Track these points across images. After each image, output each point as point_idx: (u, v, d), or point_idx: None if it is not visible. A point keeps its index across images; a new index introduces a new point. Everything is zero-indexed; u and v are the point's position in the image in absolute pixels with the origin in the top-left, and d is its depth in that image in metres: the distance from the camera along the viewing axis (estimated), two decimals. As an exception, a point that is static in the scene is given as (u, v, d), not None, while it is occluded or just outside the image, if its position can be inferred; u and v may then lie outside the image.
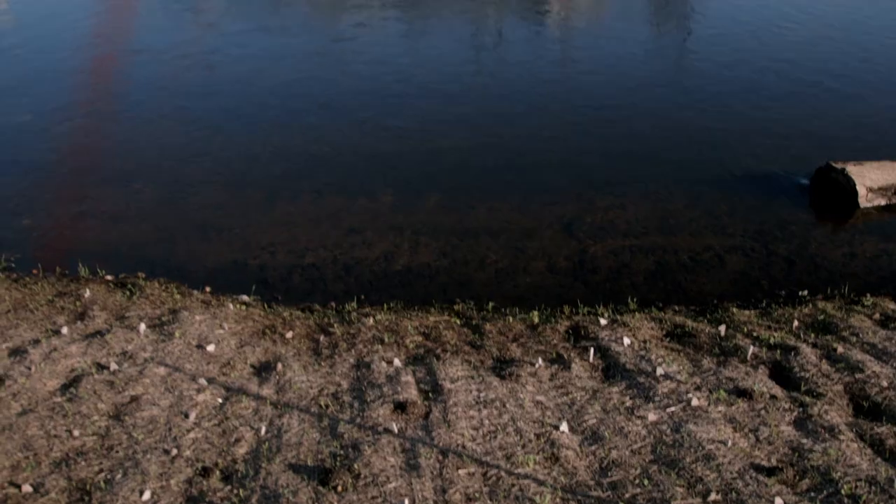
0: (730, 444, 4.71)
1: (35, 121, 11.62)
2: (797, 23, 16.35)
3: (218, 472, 4.52)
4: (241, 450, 4.74)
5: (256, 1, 18.24)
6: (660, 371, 5.57)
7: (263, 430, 4.91)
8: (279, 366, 5.72)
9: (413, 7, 17.67)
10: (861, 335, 6.19)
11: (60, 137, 11.09)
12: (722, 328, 6.28)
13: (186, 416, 5.08)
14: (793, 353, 5.88)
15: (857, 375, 5.56)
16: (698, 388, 5.40)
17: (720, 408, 5.16)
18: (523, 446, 4.71)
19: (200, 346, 5.96)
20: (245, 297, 7.10)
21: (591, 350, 5.91)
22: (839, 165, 9.17)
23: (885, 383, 5.44)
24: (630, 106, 11.98)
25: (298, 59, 14.23)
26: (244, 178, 9.62)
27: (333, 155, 10.24)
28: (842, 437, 4.83)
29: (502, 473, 4.44)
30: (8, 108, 12.14)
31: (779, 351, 5.94)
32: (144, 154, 10.37)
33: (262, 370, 5.76)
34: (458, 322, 6.56)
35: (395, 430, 4.86)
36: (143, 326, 6.19)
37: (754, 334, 6.24)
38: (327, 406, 5.21)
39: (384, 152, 10.31)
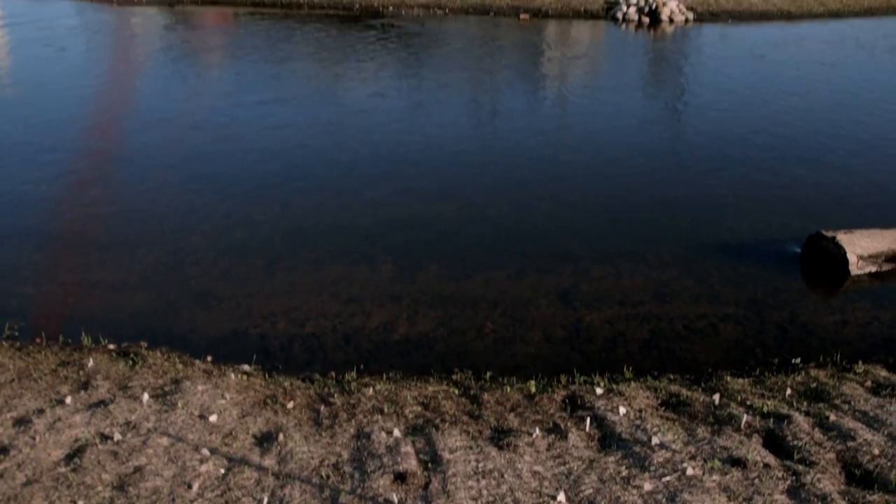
0: (724, 513, 4.79)
1: (38, 188, 11.78)
2: (788, 93, 16.68)
3: (221, 544, 4.58)
4: (244, 521, 4.80)
5: (263, 70, 18.55)
6: (655, 440, 5.66)
7: (266, 500, 4.98)
8: (281, 436, 5.80)
9: (414, 78, 18.00)
10: (853, 403, 6.28)
11: (63, 204, 11.24)
12: (716, 397, 6.38)
13: (190, 486, 5.15)
14: (786, 422, 5.97)
15: (849, 443, 5.65)
16: (693, 458, 5.48)
17: (715, 477, 5.24)
18: (521, 516, 4.78)
19: (203, 417, 6.04)
20: (246, 367, 7.19)
21: (588, 419, 6.00)
22: (829, 234, 9.34)
23: (876, 451, 5.53)
24: (624, 176, 12.19)
25: (301, 129, 14.46)
26: (245, 246, 9.76)
27: (334, 224, 10.39)
28: (834, 506, 4.91)
29: (501, 544, 4.50)
30: (10, 175, 12.30)
31: (772, 419, 6.03)
32: (147, 221, 10.52)
33: (264, 440, 5.83)
34: (457, 392, 6.65)
35: (396, 501, 4.93)
36: (146, 396, 6.27)
37: (748, 403, 6.33)
38: (328, 477, 5.28)
39: (384, 222, 10.47)
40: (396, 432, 5.83)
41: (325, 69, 18.60)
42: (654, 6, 22.77)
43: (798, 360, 7.34)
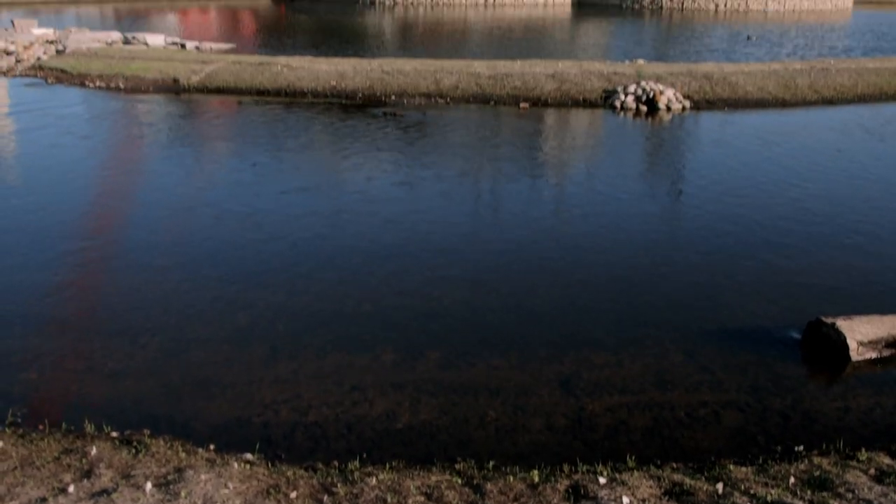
0: None
1: (43, 274, 11.89)
2: (788, 178, 16.90)
3: None
4: None
5: (268, 157, 18.82)
6: (659, 530, 5.65)
7: (268, 593, 4.96)
8: (283, 526, 5.80)
9: (415, 167, 18.26)
10: (856, 491, 6.28)
11: (66, 291, 11.34)
12: (720, 486, 6.37)
13: (191, 578, 5.13)
14: (790, 512, 5.97)
15: (854, 534, 5.64)
16: (697, 548, 5.47)
17: (719, 568, 5.22)
18: None
19: (205, 506, 6.04)
20: (249, 456, 7.19)
21: (591, 509, 5.99)
22: (829, 320, 9.41)
23: (881, 542, 5.51)
24: (623, 262, 12.30)
25: (302, 215, 14.62)
26: (248, 334, 9.82)
27: (335, 311, 10.47)
28: None
29: None
30: (15, 260, 12.42)
31: (776, 509, 6.02)
32: (150, 308, 10.60)
33: (267, 531, 5.83)
34: (460, 482, 6.65)
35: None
36: (149, 486, 6.27)
37: (751, 492, 6.32)
38: (331, 568, 5.27)
39: (385, 309, 10.54)
40: (399, 522, 5.83)
41: (329, 157, 18.88)
42: (651, 95, 23.19)
43: (801, 447, 7.34)
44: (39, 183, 16.97)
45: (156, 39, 36.10)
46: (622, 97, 23.44)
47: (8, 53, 33.17)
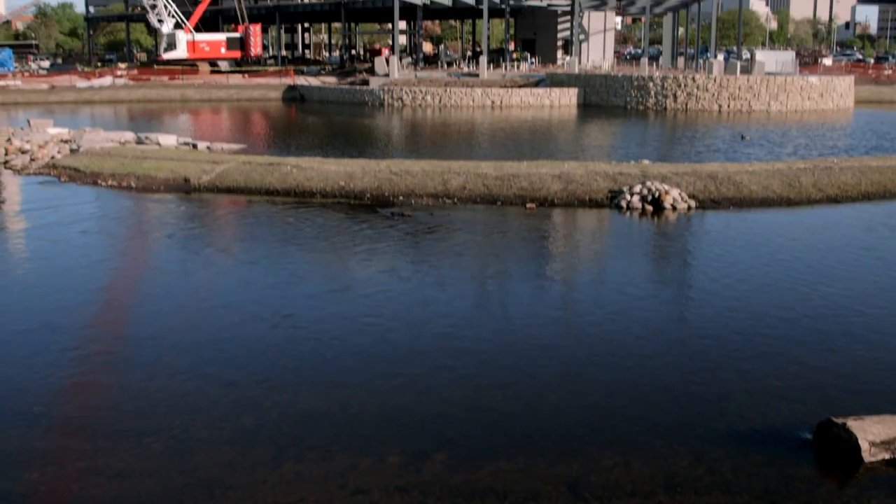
0: None
1: (44, 372, 11.87)
2: (795, 275, 16.91)
3: None
4: None
5: (278, 256, 18.95)
6: None
7: None
8: None
9: (423, 267, 18.35)
10: None
11: (70, 389, 11.31)
12: None
13: None
14: None
15: None
16: None
17: None
18: None
19: None
20: (251, 560, 7.07)
21: None
22: (840, 420, 9.31)
23: None
24: (632, 364, 12.24)
25: (309, 315, 14.66)
26: (253, 434, 9.75)
27: (341, 412, 10.41)
28: None
29: None
30: (21, 358, 12.42)
31: None
32: (156, 407, 10.55)
33: None
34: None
35: None
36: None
37: None
38: None
39: (391, 409, 10.48)
40: None
41: (337, 257, 19.00)
42: (656, 195, 23.40)
43: (814, 553, 7.19)
44: (49, 280, 17.06)
45: (168, 139, 36.69)
46: (628, 197, 23.64)
47: (23, 152, 33.74)
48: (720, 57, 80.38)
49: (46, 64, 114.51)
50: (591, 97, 62.26)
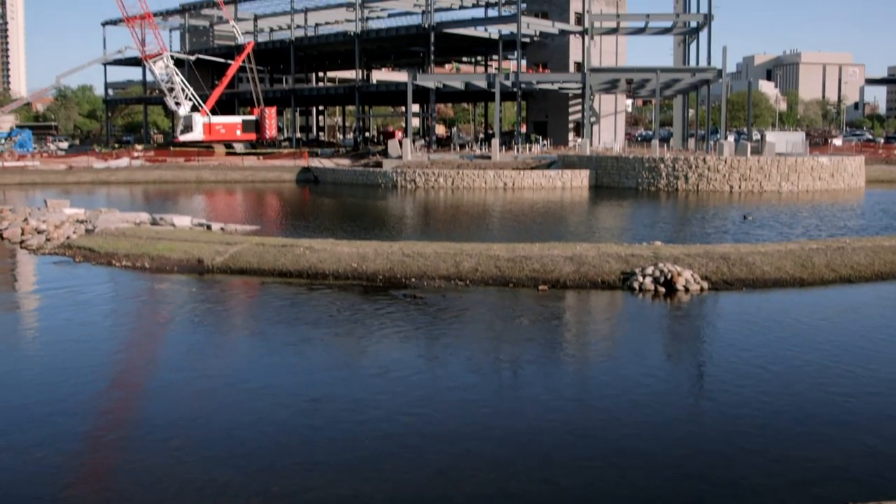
0: None
1: (50, 456, 11.80)
2: (812, 359, 16.79)
3: None
4: None
5: (288, 338, 18.96)
6: None
7: None
8: None
9: (435, 350, 18.33)
10: None
11: (76, 472, 11.22)
12: None
13: None
14: None
15: None
16: None
17: None
18: None
19: None
20: None
21: None
22: (860, 510, 9.16)
23: None
24: (643, 450, 12.11)
25: (320, 397, 14.60)
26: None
27: (350, 499, 10.28)
28: None
29: None
30: (27, 439, 12.35)
31: None
32: (164, 493, 10.45)
33: None
34: None
35: None
36: None
37: None
38: None
39: (399, 496, 10.35)
40: None
41: (348, 340, 18.99)
42: (669, 276, 23.39)
43: None
44: (60, 360, 17.08)
45: (182, 220, 37.03)
46: (640, 279, 23.63)
47: (39, 232, 34.10)
48: (731, 138, 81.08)
49: (65, 145, 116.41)
50: (602, 179, 62.72)
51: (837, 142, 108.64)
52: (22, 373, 16.30)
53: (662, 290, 23.26)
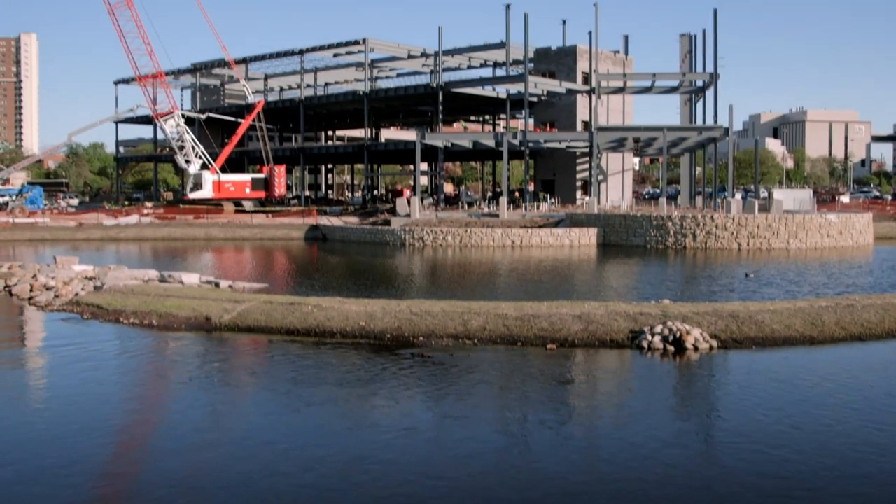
0: None
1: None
2: (825, 420, 16.62)
3: None
4: None
5: (296, 397, 18.87)
6: None
7: None
8: None
9: (443, 410, 18.22)
10: None
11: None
12: None
13: None
14: None
15: None
16: None
17: None
18: None
19: None
20: None
21: None
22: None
23: None
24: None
25: (324, 456, 14.48)
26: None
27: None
28: None
29: None
30: (30, 496, 12.25)
31: None
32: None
33: None
34: None
35: None
36: None
37: None
38: None
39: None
40: None
41: (355, 399, 18.89)
42: (678, 335, 23.28)
43: None
44: (64, 418, 17.00)
45: (191, 278, 37.07)
46: (649, 337, 23.53)
47: (48, 288, 34.19)
48: (738, 196, 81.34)
49: (75, 202, 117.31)
50: (610, 237, 62.80)
51: (845, 199, 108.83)
52: (27, 429, 16.23)
53: (671, 348, 23.14)
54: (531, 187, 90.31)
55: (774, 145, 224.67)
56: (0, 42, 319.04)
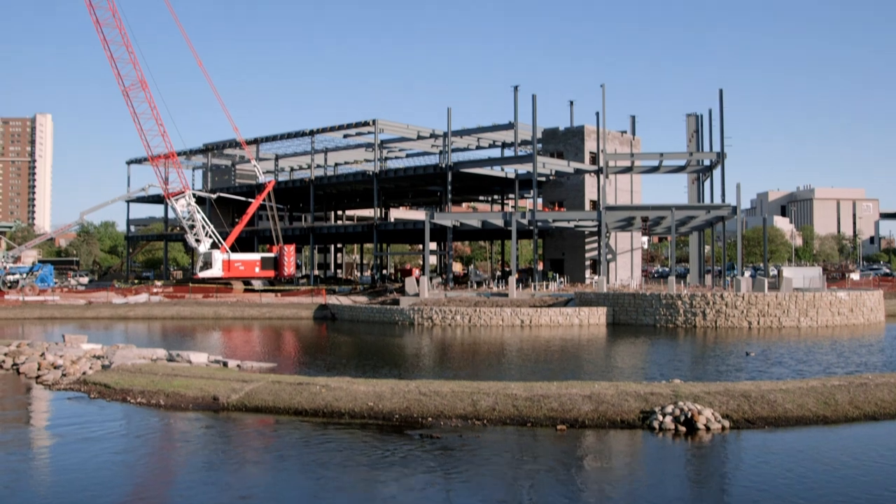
0: None
1: None
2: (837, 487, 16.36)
3: None
4: None
5: (302, 481, 18.64)
6: None
7: None
8: None
9: (450, 488, 17.96)
10: None
11: None
12: None
13: None
14: None
15: None
16: None
17: None
18: None
19: None
20: None
21: None
22: None
23: None
24: None
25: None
26: None
27: None
28: None
29: None
30: None
31: None
32: None
33: None
34: None
35: None
36: None
37: None
38: None
39: None
40: None
41: (363, 483, 18.66)
42: (689, 415, 23.04)
43: None
44: (68, 499, 16.81)
45: (199, 357, 36.98)
46: (660, 418, 23.28)
47: (56, 367, 34.16)
48: (747, 274, 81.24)
49: (85, 280, 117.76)
50: (620, 316, 62.57)
51: (855, 276, 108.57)
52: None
53: (683, 429, 22.87)
54: (540, 267, 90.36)
55: (783, 223, 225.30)
56: (16, 122, 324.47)
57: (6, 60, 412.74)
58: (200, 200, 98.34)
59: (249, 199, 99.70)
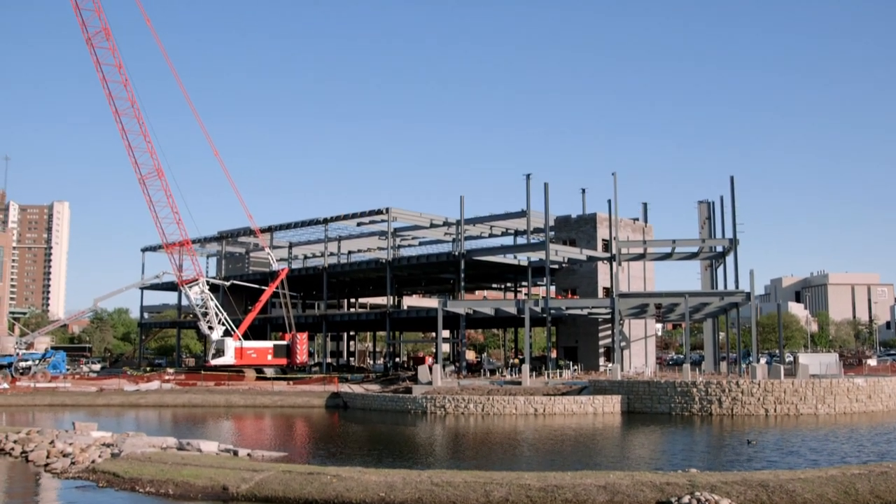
0: None
1: None
2: None
3: None
4: None
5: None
6: None
7: None
8: None
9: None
10: None
11: None
12: None
13: None
14: None
15: None
16: None
17: None
18: None
19: None
20: None
21: None
22: None
23: None
24: None
25: None
26: None
27: None
28: None
29: None
30: None
31: None
32: None
33: None
34: None
35: None
36: None
37: None
38: None
39: None
40: None
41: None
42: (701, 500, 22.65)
43: None
44: None
45: (209, 446, 36.67)
46: (679, 500, 22.88)
47: (65, 455, 33.90)
48: (763, 360, 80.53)
49: (97, 367, 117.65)
50: (634, 404, 61.85)
51: (872, 362, 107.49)
52: None
53: (700, 517, 22.44)
54: (553, 354, 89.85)
55: (797, 309, 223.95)
56: (33, 210, 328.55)
57: (26, 149, 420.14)
58: (214, 288, 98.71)
59: (263, 287, 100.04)
